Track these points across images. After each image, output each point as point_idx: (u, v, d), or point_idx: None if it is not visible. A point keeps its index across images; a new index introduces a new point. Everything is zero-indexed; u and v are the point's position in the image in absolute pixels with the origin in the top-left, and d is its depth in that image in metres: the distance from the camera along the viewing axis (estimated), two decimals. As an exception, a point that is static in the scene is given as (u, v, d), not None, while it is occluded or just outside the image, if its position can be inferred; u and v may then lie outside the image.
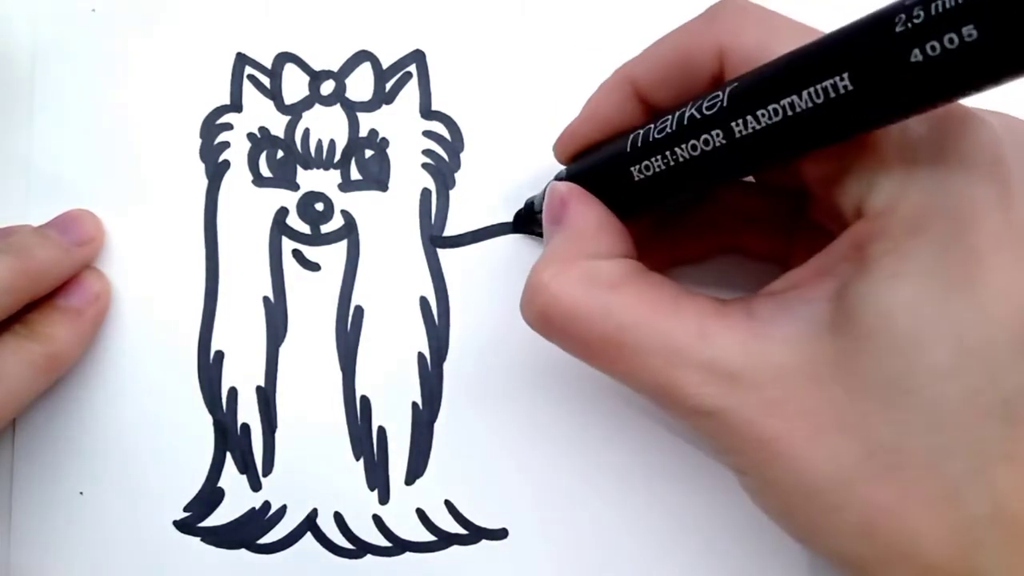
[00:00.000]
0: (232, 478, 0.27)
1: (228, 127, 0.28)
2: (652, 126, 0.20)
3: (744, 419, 0.17)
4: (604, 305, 0.19)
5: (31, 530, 0.27)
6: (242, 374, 0.27)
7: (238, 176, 0.28)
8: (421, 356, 0.27)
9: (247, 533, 0.27)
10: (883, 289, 0.16)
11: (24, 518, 0.27)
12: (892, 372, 0.16)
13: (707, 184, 0.22)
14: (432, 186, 0.28)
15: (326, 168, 0.28)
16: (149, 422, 0.27)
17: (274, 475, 0.27)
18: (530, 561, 0.26)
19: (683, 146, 0.18)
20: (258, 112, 0.28)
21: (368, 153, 0.28)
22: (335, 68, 0.28)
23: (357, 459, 0.27)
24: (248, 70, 0.28)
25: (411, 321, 0.27)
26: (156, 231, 0.28)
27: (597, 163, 0.22)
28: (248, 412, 0.27)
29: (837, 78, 0.15)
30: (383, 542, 0.27)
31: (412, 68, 0.28)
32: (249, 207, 0.28)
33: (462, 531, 0.26)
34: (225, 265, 0.28)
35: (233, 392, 0.27)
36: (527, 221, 0.27)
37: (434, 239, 0.28)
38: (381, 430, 0.27)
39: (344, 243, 0.28)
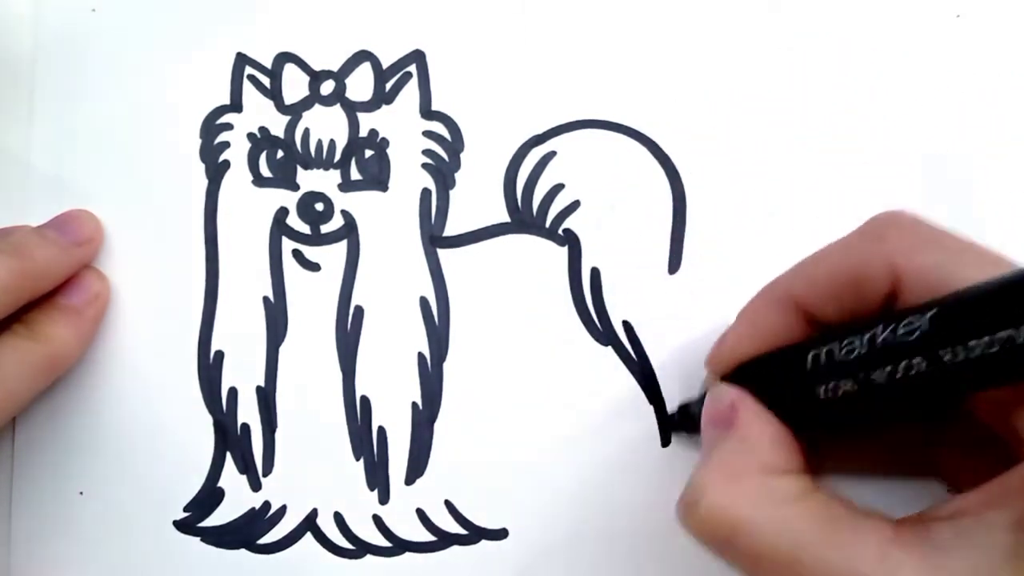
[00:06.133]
0: (232, 478, 0.27)
1: (228, 127, 0.28)
2: (836, 345, 0.19)
3: None
4: (780, 521, 0.18)
5: (31, 530, 0.27)
6: (242, 374, 0.27)
7: (238, 176, 0.28)
8: (421, 356, 0.27)
9: (247, 533, 0.27)
10: None
11: (24, 518, 0.27)
12: None
13: (903, 408, 0.21)
14: (432, 186, 0.28)
15: (326, 168, 0.28)
16: (149, 422, 0.27)
17: (274, 475, 0.27)
18: (530, 561, 0.26)
19: (880, 370, 0.18)
20: (258, 112, 0.28)
21: (368, 153, 0.28)
22: (335, 68, 0.28)
23: (357, 459, 0.27)
24: (248, 70, 0.28)
25: (411, 321, 0.27)
26: (156, 231, 0.28)
27: (769, 380, 0.22)
28: (248, 412, 0.27)
29: None
30: (383, 542, 0.27)
31: (412, 68, 0.28)
32: (249, 207, 0.28)
33: (462, 531, 0.26)
34: (225, 265, 0.28)
35: (233, 392, 0.27)
36: (680, 424, 0.26)
37: (434, 239, 0.28)
38: (381, 430, 0.27)
39: (344, 243, 0.28)
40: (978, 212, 0.26)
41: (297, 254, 0.28)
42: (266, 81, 0.28)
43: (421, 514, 0.27)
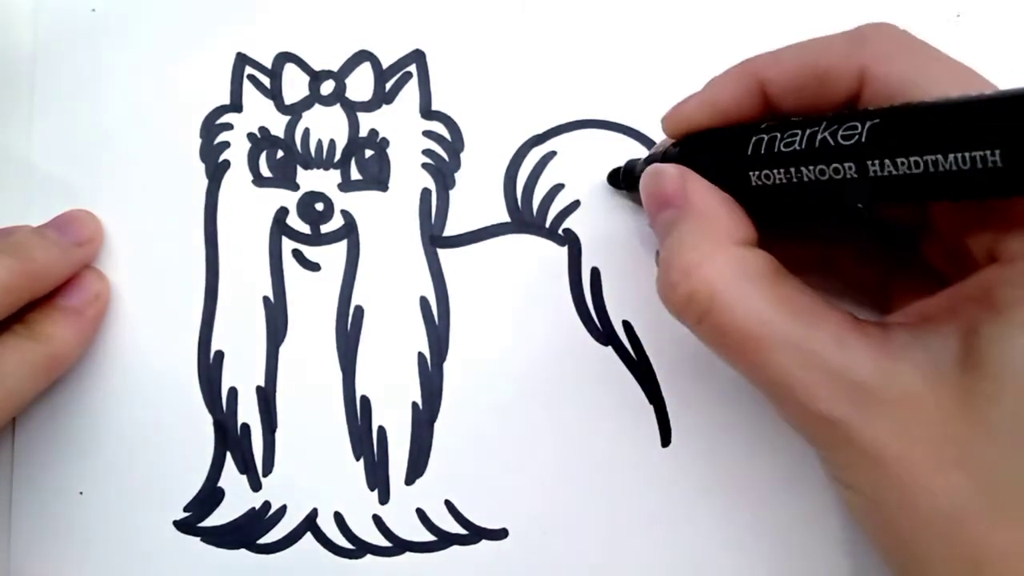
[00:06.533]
0: (232, 478, 0.27)
1: (228, 127, 0.28)
2: (778, 136, 0.19)
3: (869, 435, 0.17)
4: (749, 296, 0.19)
5: (31, 530, 0.27)
6: (242, 374, 0.27)
7: (238, 176, 0.28)
8: (421, 356, 0.27)
9: (247, 533, 0.27)
10: (1013, 335, 0.16)
11: (24, 518, 0.27)
12: (1017, 416, 0.16)
13: (826, 208, 0.21)
14: (432, 186, 0.28)
15: (326, 168, 0.28)
16: (149, 422, 0.27)
17: (274, 475, 0.27)
18: (530, 561, 0.26)
19: (811, 167, 0.18)
20: (258, 112, 0.28)
21: (368, 153, 0.28)
22: (335, 68, 0.28)
23: (357, 459, 0.27)
24: (248, 70, 0.28)
25: (411, 321, 0.27)
26: (156, 231, 0.28)
27: (712, 156, 0.21)
28: (248, 412, 0.27)
29: (988, 152, 0.15)
30: (383, 542, 0.27)
31: (412, 68, 0.28)
32: (249, 207, 0.28)
33: (462, 531, 0.26)
34: (225, 265, 0.28)
35: (233, 392, 0.27)
36: (624, 181, 0.26)
37: (434, 239, 0.28)
38: (381, 430, 0.27)
39: (344, 243, 0.28)
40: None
41: (297, 254, 0.28)
42: (266, 81, 0.28)
43: (421, 514, 0.27)
